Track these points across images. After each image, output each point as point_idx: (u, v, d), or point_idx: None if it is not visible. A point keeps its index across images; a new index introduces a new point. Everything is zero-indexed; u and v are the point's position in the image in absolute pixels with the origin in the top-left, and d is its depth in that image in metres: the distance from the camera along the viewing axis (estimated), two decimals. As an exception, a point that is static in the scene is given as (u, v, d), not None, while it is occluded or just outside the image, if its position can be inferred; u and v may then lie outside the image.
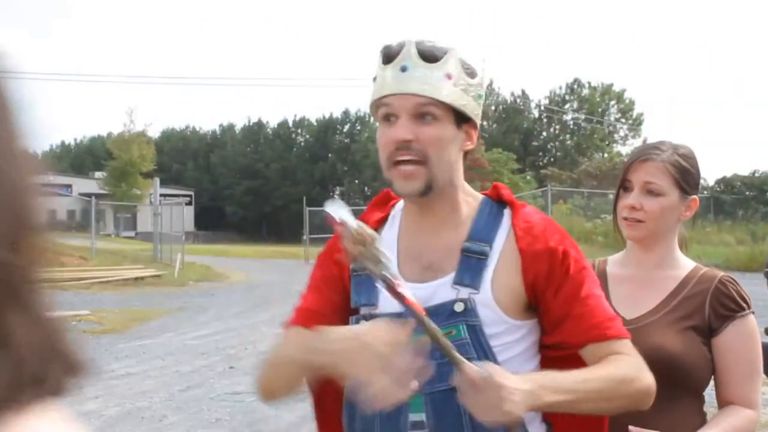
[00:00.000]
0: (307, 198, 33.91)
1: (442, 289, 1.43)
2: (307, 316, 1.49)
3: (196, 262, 22.73)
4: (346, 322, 1.46)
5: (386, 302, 1.39)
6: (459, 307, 1.40)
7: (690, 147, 1.92)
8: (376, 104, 1.44)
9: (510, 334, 1.43)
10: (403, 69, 1.39)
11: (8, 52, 0.51)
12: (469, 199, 1.51)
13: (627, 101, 60.17)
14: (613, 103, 60.58)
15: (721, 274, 1.88)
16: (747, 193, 40.32)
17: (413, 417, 1.39)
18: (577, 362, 1.43)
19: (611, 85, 60.22)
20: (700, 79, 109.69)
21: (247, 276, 21.15)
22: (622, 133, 59.48)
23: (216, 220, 63.11)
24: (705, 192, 36.44)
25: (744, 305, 1.82)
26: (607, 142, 59.14)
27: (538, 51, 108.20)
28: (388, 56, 1.41)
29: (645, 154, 1.87)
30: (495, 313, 1.42)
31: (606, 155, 53.66)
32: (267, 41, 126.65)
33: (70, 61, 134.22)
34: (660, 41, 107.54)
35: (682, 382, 1.76)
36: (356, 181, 63.05)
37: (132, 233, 49.81)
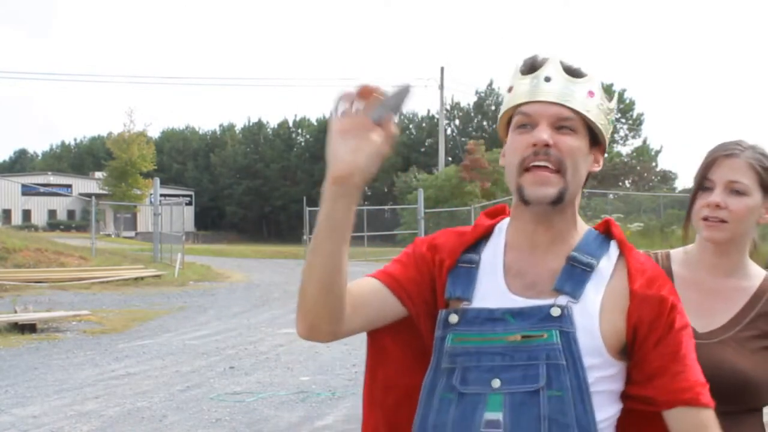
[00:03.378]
0: (307, 198, 33.88)
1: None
2: (385, 277, 1.45)
3: (196, 262, 22.73)
4: (422, 303, 1.44)
5: (483, 299, 1.39)
6: (555, 312, 1.35)
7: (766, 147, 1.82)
8: (511, 112, 1.40)
9: (603, 369, 1.37)
10: (547, 79, 1.37)
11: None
12: (578, 222, 1.47)
13: (627, 101, 60.18)
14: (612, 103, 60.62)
15: None
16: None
17: (489, 415, 1.33)
18: (657, 421, 1.38)
19: (611, 85, 60.18)
20: (700, 79, 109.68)
21: (247, 276, 21.14)
22: (622, 133, 59.43)
23: (216, 220, 63.11)
24: None
25: None
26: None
27: (538, 51, 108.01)
28: (531, 67, 1.40)
29: (728, 149, 1.76)
30: (593, 337, 1.36)
31: (606, 155, 53.61)
32: (267, 41, 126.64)
33: (70, 61, 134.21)
34: (660, 41, 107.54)
35: (750, 401, 1.71)
36: (356, 181, 62.99)
37: (132, 233, 49.80)
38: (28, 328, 10.65)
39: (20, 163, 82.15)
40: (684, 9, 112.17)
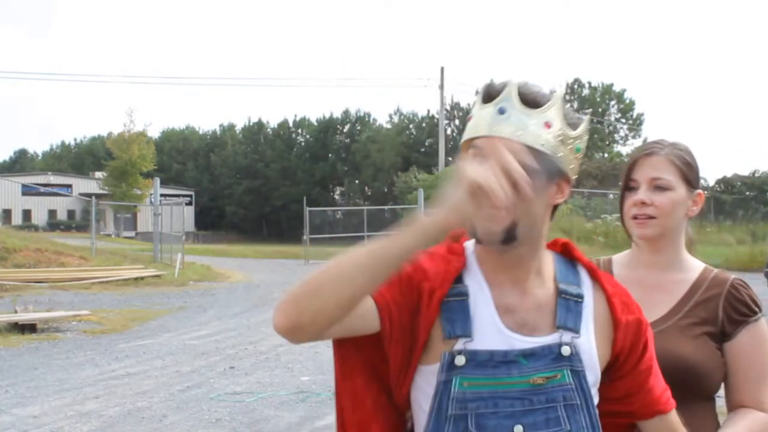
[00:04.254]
0: (307, 198, 33.92)
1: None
2: (376, 291, 1.32)
3: (196, 262, 22.73)
4: (398, 329, 1.32)
5: (483, 336, 1.31)
6: (566, 351, 1.34)
7: (686, 144, 1.89)
8: (467, 144, 1.36)
9: (595, 391, 1.40)
10: (501, 111, 1.31)
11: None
12: (546, 253, 1.45)
13: (627, 101, 60.18)
14: (613, 103, 60.60)
15: (732, 277, 1.84)
16: (747, 193, 40.32)
17: None
18: (624, 427, 1.49)
19: (611, 85, 60.23)
20: (700, 79, 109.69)
21: (247, 276, 21.14)
22: (622, 133, 59.47)
23: (216, 220, 63.08)
24: (705, 192, 36.40)
25: (756, 309, 1.80)
26: (607, 142, 59.11)
27: (538, 51, 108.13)
28: (489, 95, 1.34)
29: (647, 149, 1.85)
30: (596, 371, 1.38)
31: (606, 155, 53.68)
32: (267, 41, 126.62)
33: (70, 61, 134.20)
34: (660, 41, 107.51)
35: (696, 388, 1.75)
36: (356, 181, 62.97)
37: (132, 233, 49.79)
38: (28, 328, 10.65)
39: (20, 163, 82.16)
40: (684, 9, 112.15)
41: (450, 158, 42.99)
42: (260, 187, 62.04)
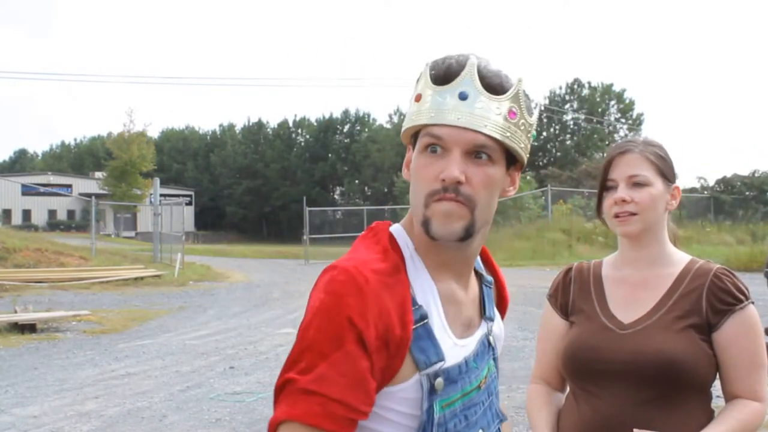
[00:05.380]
0: (307, 198, 33.90)
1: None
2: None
3: (196, 262, 22.73)
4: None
5: (450, 352, 1.21)
6: (492, 341, 1.33)
7: (658, 140, 1.93)
8: (417, 129, 1.21)
9: None
10: (463, 97, 1.16)
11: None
12: None
13: (627, 101, 60.20)
14: (613, 103, 60.62)
15: (716, 266, 1.83)
16: (747, 193, 40.25)
17: None
18: None
19: (611, 85, 60.26)
20: (700, 79, 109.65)
21: (247, 276, 21.14)
22: (622, 133, 59.46)
23: (216, 220, 63.13)
24: (705, 192, 36.44)
25: (742, 297, 1.77)
26: (607, 142, 59.12)
27: (538, 51, 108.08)
28: (445, 77, 1.18)
29: (621, 147, 1.87)
30: (500, 348, 1.39)
31: (606, 155, 53.64)
32: (267, 41, 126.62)
33: (70, 61, 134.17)
34: (660, 41, 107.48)
35: (684, 383, 1.73)
36: (356, 181, 62.99)
37: (132, 233, 49.81)
38: (28, 328, 10.65)
39: (20, 163, 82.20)
40: (683, 9, 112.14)
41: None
42: (260, 187, 62.07)
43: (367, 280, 1.12)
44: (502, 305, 1.43)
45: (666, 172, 1.86)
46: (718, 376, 1.80)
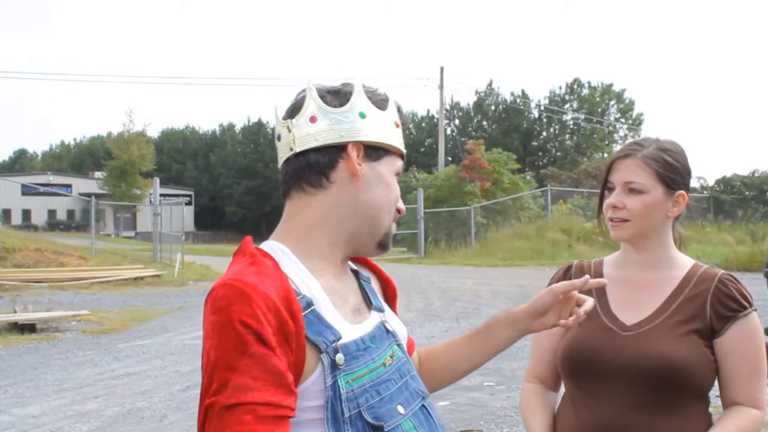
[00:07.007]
0: (307, 198, 33.80)
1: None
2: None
3: (196, 262, 22.70)
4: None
5: (345, 332, 1.26)
6: (389, 327, 1.39)
7: (675, 141, 1.86)
8: (389, 149, 1.40)
9: None
10: (397, 125, 1.43)
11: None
12: None
13: (627, 101, 60.19)
14: (613, 103, 60.60)
15: (720, 272, 1.82)
16: (747, 193, 40.31)
17: None
18: None
19: (611, 85, 60.24)
20: (699, 79, 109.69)
21: (246, 276, 21.09)
22: (621, 133, 59.48)
23: (216, 220, 63.13)
24: (705, 192, 36.46)
25: (746, 304, 1.76)
26: (606, 142, 59.14)
27: (538, 51, 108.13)
28: (384, 103, 1.42)
29: (625, 151, 1.83)
30: (403, 335, 1.46)
31: (606, 155, 53.63)
32: (267, 41, 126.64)
33: (70, 61, 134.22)
34: (660, 41, 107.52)
35: (685, 388, 1.72)
36: (356, 181, 63.04)
37: (132, 233, 49.81)
38: (27, 328, 10.65)
39: (20, 163, 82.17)
40: (683, 9, 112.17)
41: (449, 158, 42.99)
42: (260, 187, 62.08)
43: (246, 284, 1.16)
44: (389, 290, 1.54)
45: (670, 178, 1.79)
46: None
